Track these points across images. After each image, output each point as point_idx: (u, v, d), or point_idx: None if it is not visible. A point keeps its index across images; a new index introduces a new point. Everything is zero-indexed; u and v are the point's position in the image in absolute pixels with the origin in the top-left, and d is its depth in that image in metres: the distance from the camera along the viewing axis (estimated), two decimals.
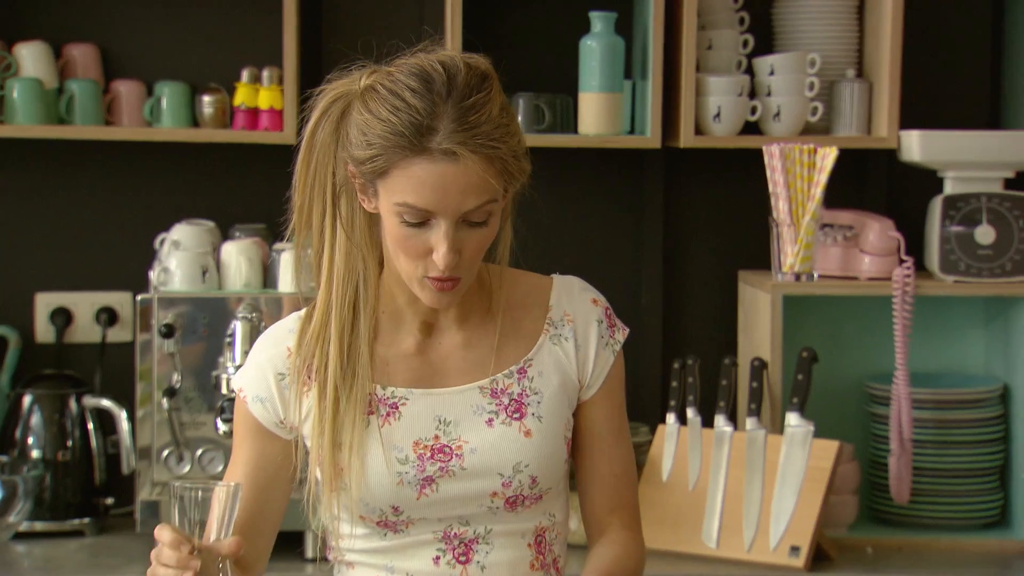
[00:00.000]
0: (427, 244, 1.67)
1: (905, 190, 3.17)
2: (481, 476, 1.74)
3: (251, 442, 1.79)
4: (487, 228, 1.70)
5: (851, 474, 2.92)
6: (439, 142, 1.64)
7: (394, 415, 1.75)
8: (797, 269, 2.90)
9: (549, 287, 1.83)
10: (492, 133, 1.66)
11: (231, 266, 2.87)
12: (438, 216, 1.66)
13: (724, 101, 2.99)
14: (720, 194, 3.20)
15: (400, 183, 1.65)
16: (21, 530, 2.81)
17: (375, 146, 1.66)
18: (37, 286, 3.10)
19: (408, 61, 1.71)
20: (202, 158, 3.10)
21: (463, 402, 1.76)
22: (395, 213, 1.67)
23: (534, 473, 1.75)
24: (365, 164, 1.67)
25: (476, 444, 1.75)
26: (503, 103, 1.70)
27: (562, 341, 1.80)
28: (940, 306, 3.07)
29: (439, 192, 1.64)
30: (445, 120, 1.64)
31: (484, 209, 1.67)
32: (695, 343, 3.17)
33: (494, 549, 1.76)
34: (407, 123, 1.64)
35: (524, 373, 1.78)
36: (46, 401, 2.89)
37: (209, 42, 3.10)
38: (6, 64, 2.99)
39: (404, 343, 1.78)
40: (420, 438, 1.74)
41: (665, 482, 2.86)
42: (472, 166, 1.64)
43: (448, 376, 1.77)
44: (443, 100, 1.65)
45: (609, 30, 2.98)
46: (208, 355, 2.82)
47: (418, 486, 1.73)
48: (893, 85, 2.98)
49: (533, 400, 1.77)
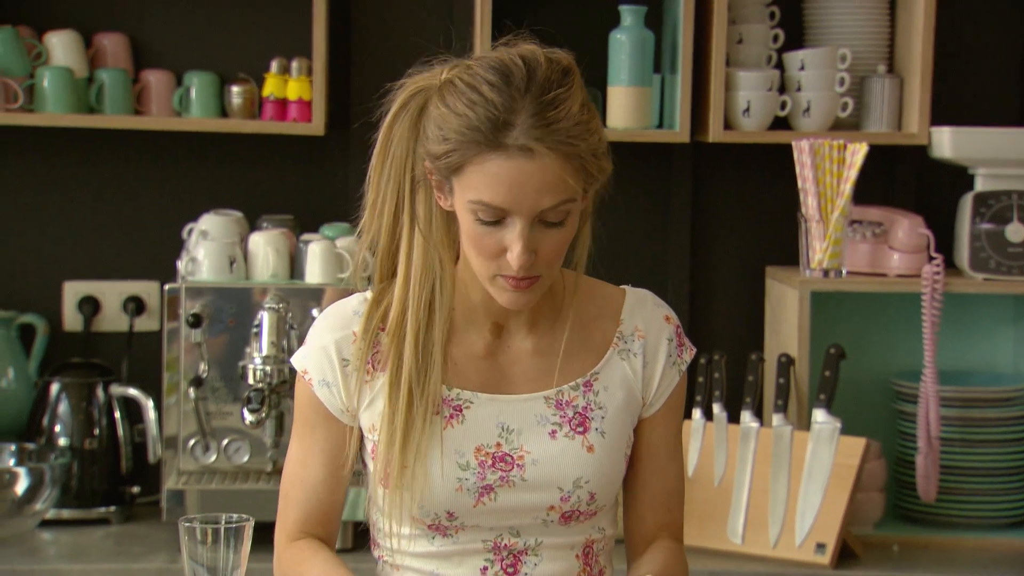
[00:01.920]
0: (502, 243, 1.63)
1: (935, 187, 3.15)
2: (541, 489, 1.72)
3: (323, 427, 1.75)
4: (565, 229, 1.65)
5: (878, 471, 2.91)
6: (515, 138, 1.59)
7: (457, 417, 1.72)
8: (825, 265, 2.88)
9: (621, 299, 1.80)
10: (571, 130, 1.61)
11: (258, 256, 2.88)
12: (513, 215, 1.62)
13: (754, 96, 2.98)
14: (748, 189, 3.19)
15: (475, 180, 1.61)
16: (48, 518, 2.82)
17: (450, 141, 1.62)
18: (65, 275, 3.11)
19: (489, 55, 1.67)
20: (230, 148, 3.11)
21: (528, 411, 1.73)
22: (469, 211, 1.63)
23: (593, 490, 1.73)
24: (440, 159, 1.63)
25: (538, 455, 1.72)
26: (584, 99, 1.65)
27: (630, 356, 1.77)
28: (969, 304, 3.06)
29: (514, 190, 1.60)
30: (523, 115, 1.60)
31: (561, 209, 1.63)
32: (722, 338, 3.16)
33: (542, 561, 1.74)
34: (483, 118, 1.60)
35: (590, 387, 1.75)
36: (73, 389, 2.91)
37: (238, 32, 3.10)
38: (37, 53, 3.00)
39: (474, 344, 1.75)
40: (482, 444, 1.72)
41: (691, 478, 2.85)
42: (549, 164, 1.60)
43: (514, 382, 1.75)
44: (521, 95, 1.61)
45: (639, 24, 2.97)
46: (235, 345, 2.82)
47: (477, 493, 1.71)
48: (924, 81, 2.97)
49: (597, 415, 1.74)
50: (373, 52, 3.12)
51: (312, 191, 3.14)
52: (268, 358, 2.72)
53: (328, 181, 3.13)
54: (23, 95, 2.95)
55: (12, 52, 2.97)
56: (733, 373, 2.96)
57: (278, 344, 2.73)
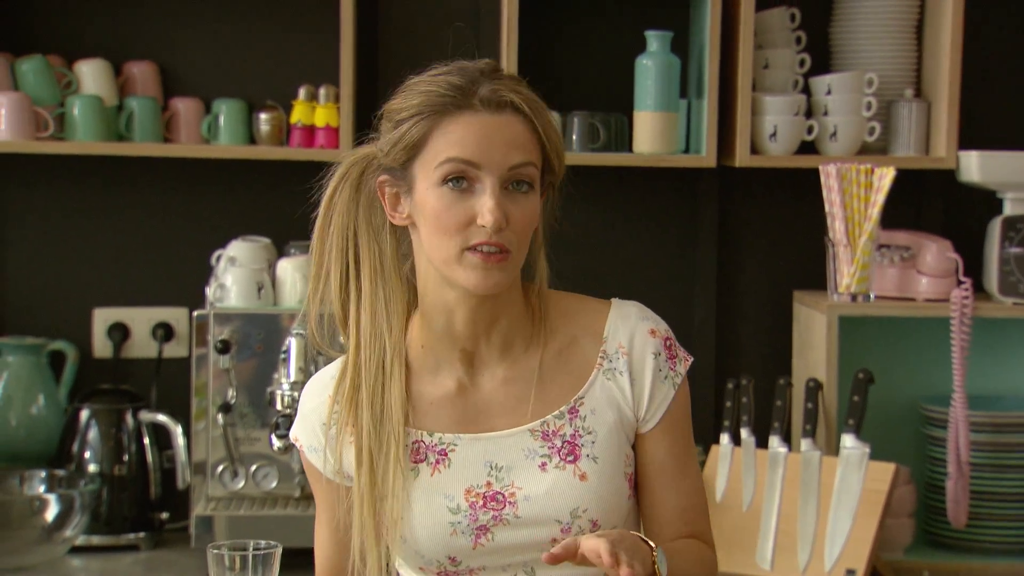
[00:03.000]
0: (471, 211, 1.64)
1: (963, 211, 3.14)
2: (538, 524, 1.69)
3: (322, 491, 1.79)
4: (530, 198, 1.67)
5: (907, 497, 2.90)
6: (483, 96, 1.65)
7: (443, 462, 1.71)
8: (853, 290, 2.88)
9: (605, 315, 1.75)
10: (531, 99, 1.68)
11: (286, 283, 2.89)
12: (483, 170, 1.64)
13: (780, 120, 2.98)
14: (775, 214, 3.19)
15: (442, 143, 1.65)
16: (78, 544, 2.83)
17: (415, 116, 1.66)
18: (95, 302, 3.13)
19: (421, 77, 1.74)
20: (258, 175, 3.12)
21: (514, 446, 1.71)
22: (438, 182, 1.65)
23: (594, 517, 1.69)
24: (405, 147, 1.67)
25: (530, 492, 1.69)
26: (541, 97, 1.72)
27: (616, 376, 1.73)
28: (998, 328, 3.04)
29: (484, 142, 1.64)
30: (484, 84, 1.67)
31: (527, 171, 1.66)
32: (749, 363, 3.16)
33: None
34: (451, 85, 1.67)
35: (576, 413, 1.72)
36: (103, 416, 2.92)
37: (266, 60, 3.12)
38: (67, 82, 3.03)
39: (445, 383, 1.74)
40: (472, 485, 1.70)
41: (719, 503, 2.84)
42: (514, 121, 1.65)
43: (494, 418, 1.72)
44: (479, 75, 1.68)
45: (665, 49, 2.98)
46: (263, 371, 2.83)
47: (472, 535, 1.70)
48: (952, 105, 2.96)
49: (587, 440, 1.71)
50: (400, 78, 3.13)
51: None
52: (296, 384, 2.73)
53: None
54: (53, 124, 2.98)
55: (42, 81, 2.99)
56: (761, 398, 2.95)
57: (306, 370, 2.74)
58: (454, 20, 3.12)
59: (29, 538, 2.71)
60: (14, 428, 3.00)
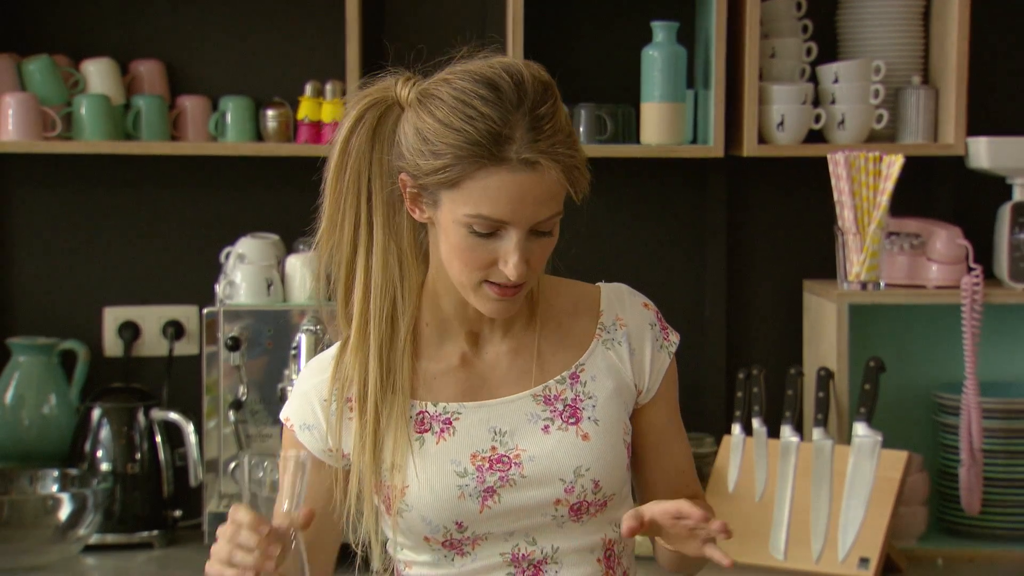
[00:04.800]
0: (493, 254, 1.64)
1: (973, 197, 3.13)
2: (542, 484, 1.72)
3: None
4: (552, 237, 1.68)
5: (920, 485, 2.89)
6: (518, 151, 1.61)
7: (448, 431, 1.73)
8: (863, 278, 2.87)
9: (598, 294, 1.80)
10: (566, 141, 1.64)
11: (295, 279, 2.89)
12: (510, 226, 1.63)
13: (788, 109, 2.97)
14: (784, 203, 3.18)
15: (474, 194, 1.62)
16: (91, 543, 2.84)
17: (446, 156, 1.62)
18: (105, 300, 3.14)
19: (466, 68, 1.68)
20: (266, 172, 3.12)
21: (517, 411, 1.74)
22: (462, 224, 1.63)
23: (596, 477, 1.72)
24: (432, 175, 1.63)
25: (534, 452, 1.72)
26: (565, 110, 1.68)
27: (615, 345, 1.78)
28: (1009, 314, 3.04)
29: (515, 203, 1.62)
30: (520, 129, 1.61)
31: (553, 222, 1.66)
32: (760, 353, 3.15)
33: (563, 568, 1.74)
34: (483, 132, 1.60)
35: (577, 378, 1.76)
36: (115, 414, 2.92)
37: (272, 57, 3.12)
38: (74, 81, 3.03)
39: (449, 357, 1.75)
40: (477, 450, 1.72)
41: (731, 493, 2.84)
42: (551, 176, 1.62)
43: (497, 386, 1.75)
44: (515, 108, 1.62)
45: (671, 40, 2.97)
46: (273, 367, 2.83)
47: (480, 498, 1.71)
48: (960, 91, 2.95)
49: (588, 404, 1.74)
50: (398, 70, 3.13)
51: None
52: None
53: None
54: (61, 123, 2.98)
55: (49, 81, 3.00)
56: (772, 388, 2.95)
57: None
58: (460, 12, 3.13)
59: (43, 537, 2.71)
60: (26, 428, 3.00)
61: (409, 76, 1.72)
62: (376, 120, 1.70)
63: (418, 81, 1.71)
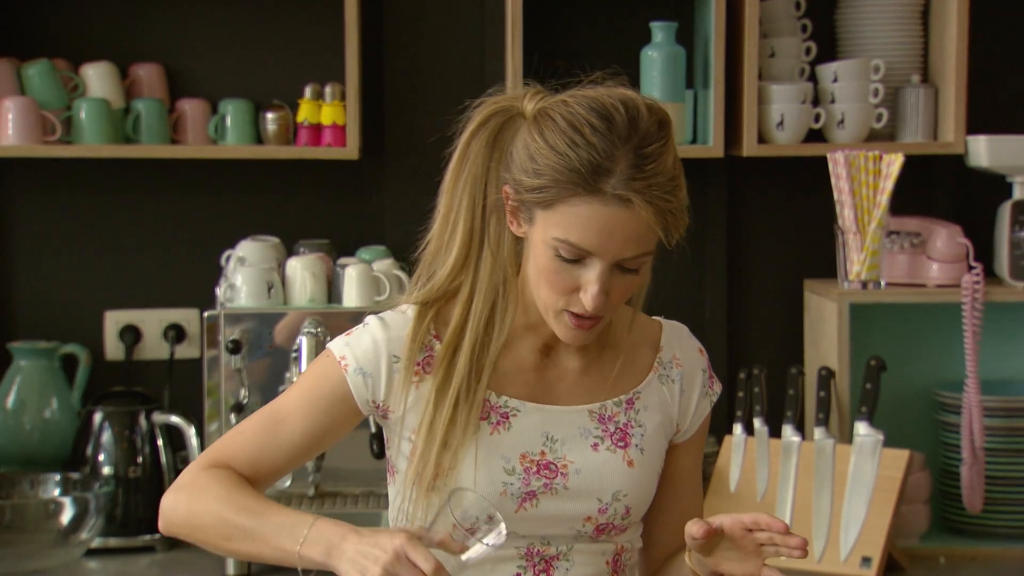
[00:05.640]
0: (576, 281, 1.67)
1: (973, 196, 3.13)
2: (581, 498, 1.74)
3: (327, 408, 1.76)
4: (637, 276, 1.70)
5: (922, 483, 2.89)
6: (614, 186, 1.62)
7: (504, 424, 1.75)
8: (864, 277, 2.87)
9: (659, 329, 1.84)
10: (666, 185, 1.65)
11: (296, 281, 2.89)
12: (595, 257, 1.65)
13: (787, 109, 2.97)
14: (784, 202, 3.18)
15: (565, 219, 1.64)
16: (93, 546, 2.84)
17: (545, 176, 1.64)
18: (106, 304, 3.14)
19: (587, 93, 1.69)
20: (266, 175, 3.12)
21: (571, 422, 1.76)
22: (551, 246, 1.66)
23: (630, 504, 1.76)
24: (530, 192, 1.65)
25: (581, 465, 1.75)
26: (676, 154, 1.68)
27: (668, 382, 1.81)
28: (1010, 313, 3.04)
29: (603, 236, 1.63)
30: (622, 164, 1.62)
31: (639, 261, 1.67)
32: (761, 353, 3.15)
33: (574, 566, 1.76)
34: (584, 160, 1.62)
35: (632, 405, 1.79)
36: (116, 418, 2.92)
37: (272, 59, 3.12)
38: (73, 85, 3.03)
39: (524, 357, 1.78)
40: (527, 451, 1.74)
41: (733, 493, 2.84)
42: (642, 216, 1.63)
43: (559, 396, 1.78)
44: (622, 142, 1.63)
45: (670, 40, 2.97)
46: (274, 370, 2.83)
47: (519, 499, 1.73)
48: (959, 90, 2.95)
49: (637, 432, 1.78)
50: (406, 76, 3.14)
51: (348, 215, 3.15)
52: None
53: (363, 205, 3.15)
54: (60, 127, 2.98)
55: (49, 85, 3.00)
56: (773, 387, 2.95)
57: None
58: (459, 14, 3.13)
59: (45, 541, 2.71)
60: (28, 432, 3.00)
61: (539, 90, 1.73)
62: (498, 127, 1.72)
63: (546, 96, 1.72)
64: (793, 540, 1.65)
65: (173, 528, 1.75)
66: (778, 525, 1.64)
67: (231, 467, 1.75)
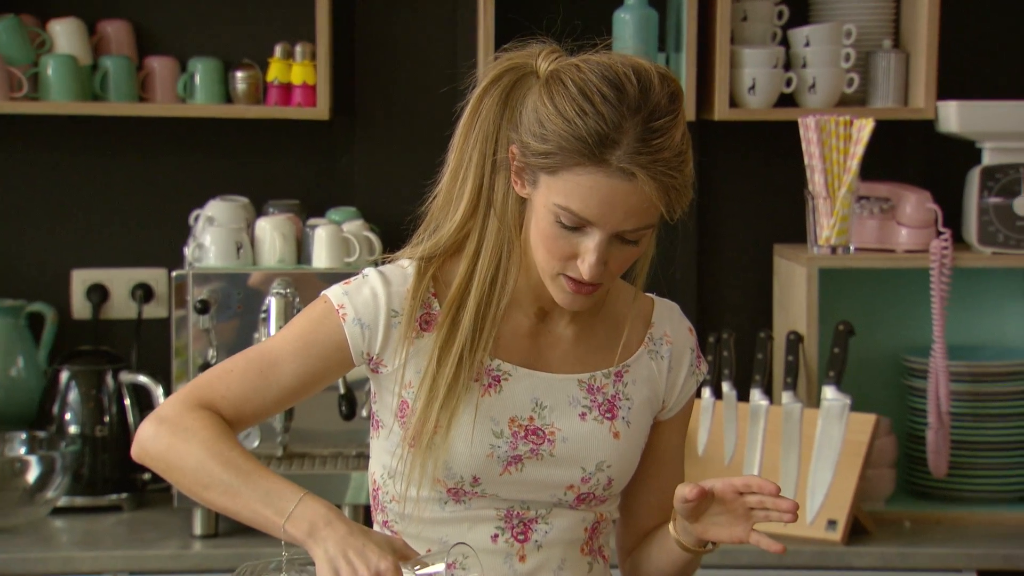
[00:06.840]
0: (575, 248, 1.66)
1: (943, 161, 3.14)
2: (566, 466, 1.74)
3: (322, 355, 1.74)
4: (637, 247, 1.69)
5: (888, 447, 2.91)
6: (619, 158, 1.60)
7: (495, 387, 1.74)
8: (833, 242, 2.88)
9: (651, 305, 1.84)
10: (671, 161, 1.62)
11: (265, 242, 2.88)
12: (595, 227, 1.64)
13: (759, 73, 2.97)
14: (755, 167, 3.18)
15: (567, 187, 1.62)
16: (59, 505, 2.83)
17: (551, 143, 1.62)
18: (73, 263, 3.12)
19: (600, 60, 1.66)
20: (236, 134, 3.10)
21: (561, 390, 1.76)
22: (552, 212, 1.64)
23: (613, 475, 1.76)
24: (536, 156, 1.64)
25: (568, 433, 1.75)
26: (685, 129, 1.66)
27: (658, 358, 1.81)
28: (978, 278, 3.05)
29: (605, 206, 1.62)
30: (630, 136, 1.60)
31: (639, 234, 1.66)
32: (730, 317, 3.16)
33: (553, 530, 1.77)
34: (592, 130, 1.60)
35: (620, 377, 1.79)
36: (83, 377, 2.91)
37: (242, 18, 3.10)
38: (40, 41, 3.00)
39: (518, 322, 1.77)
40: (516, 415, 1.74)
41: (701, 456, 2.85)
42: (645, 190, 1.61)
43: (551, 363, 1.77)
44: (632, 113, 1.61)
45: (642, 2, 2.96)
46: (243, 331, 2.82)
47: (505, 462, 1.73)
48: (930, 55, 2.95)
49: (624, 405, 1.78)
50: (377, 36, 3.12)
51: (318, 176, 3.14)
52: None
53: (334, 166, 3.13)
54: (27, 84, 2.95)
55: (15, 40, 2.97)
56: (742, 351, 2.95)
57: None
58: None
59: (11, 500, 2.70)
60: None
61: (554, 49, 1.70)
62: (511, 85, 1.69)
63: (560, 57, 1.69)
64: (784, 503, 1.65)
65: (147, 459, 1.74)
66: (770, 488, 1.65)
67: (216, 408, 1.73)
